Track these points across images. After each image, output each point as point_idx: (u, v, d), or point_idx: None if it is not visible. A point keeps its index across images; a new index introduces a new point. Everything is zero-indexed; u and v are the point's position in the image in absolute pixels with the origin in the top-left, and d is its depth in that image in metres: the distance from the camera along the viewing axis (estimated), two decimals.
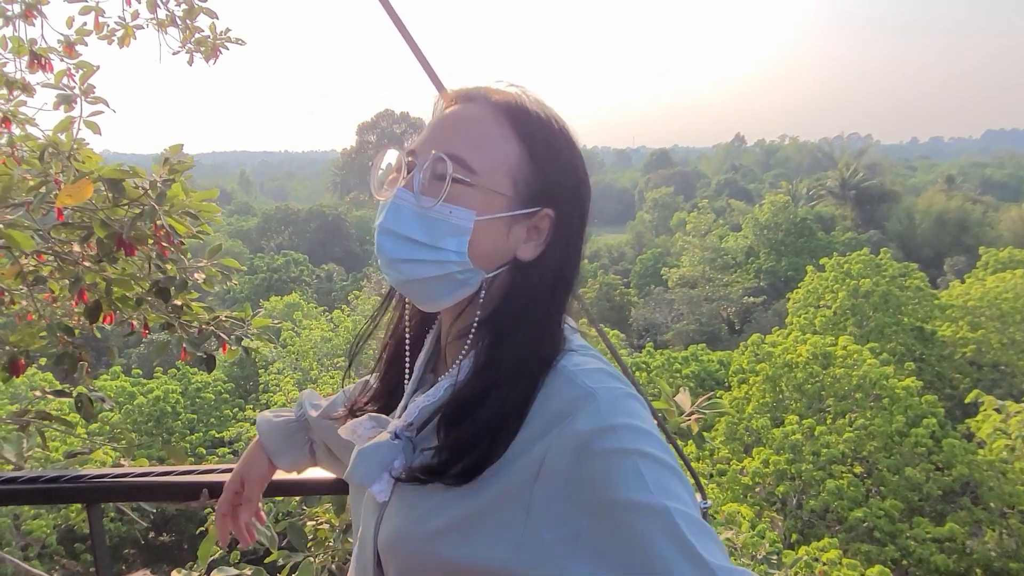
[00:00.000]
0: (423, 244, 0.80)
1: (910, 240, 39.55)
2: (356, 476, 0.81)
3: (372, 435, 0.84)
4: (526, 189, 0.82)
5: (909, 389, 13.31)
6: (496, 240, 0.82)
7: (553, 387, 0.77)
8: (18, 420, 2.21)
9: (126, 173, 2.09)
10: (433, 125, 0.85)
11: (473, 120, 0.83)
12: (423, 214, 0.80)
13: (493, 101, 0.84)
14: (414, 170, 0.82)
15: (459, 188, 0.79)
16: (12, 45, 3.31)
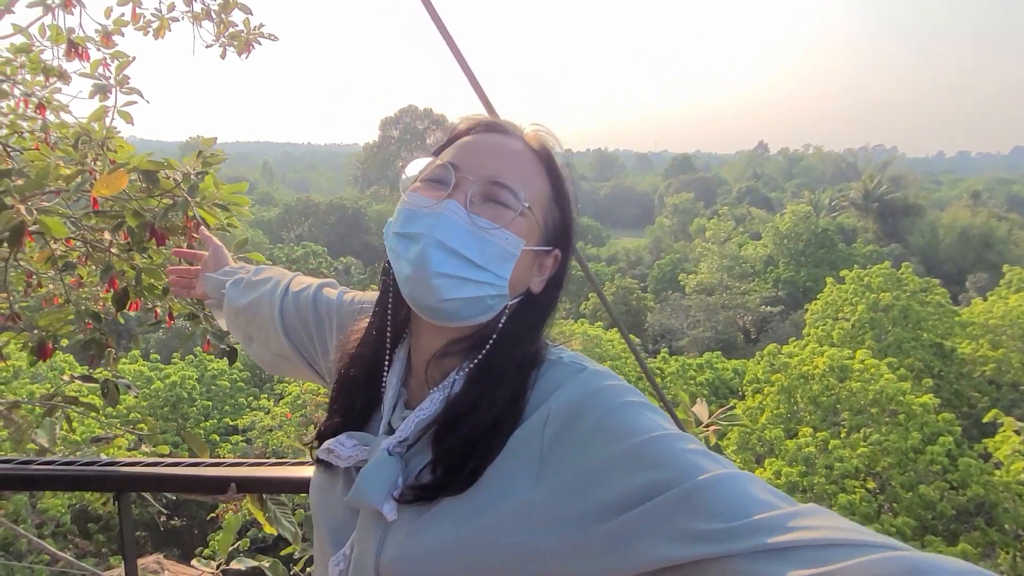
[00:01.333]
0: (472, 263, 0.79)
1: (932, 255, 39.09)
2: (365, 497, 0.78)
3: (354, 454, 0.84)
4: (549, 228, 0.87)
5: (926, 406, 13.16)
6: (525, 271, 0.85)
7: (544, 377, 0.82)
8: (47, 403, 2.25)
9: (161, 165, 2.12)
10: (478, 149, 0.85)
11: (517, 154, 0.86)
12: (476, 233, 0.80)
13: (527, 138, 0.88)
14: (464, 187, 0.82)
15: (511, 215, 0.81)
16: (51, 33, 3.36)
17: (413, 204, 0.82)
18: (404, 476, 0.81)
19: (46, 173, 2.14)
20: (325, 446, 0.86)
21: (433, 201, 0.81)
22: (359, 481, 0.79)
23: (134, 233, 2.38)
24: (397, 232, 0.83)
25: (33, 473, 1.16)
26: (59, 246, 2.61)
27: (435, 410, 0.82)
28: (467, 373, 0.83)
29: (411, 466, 0.81)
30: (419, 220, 0.80)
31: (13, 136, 3.64)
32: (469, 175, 0.82)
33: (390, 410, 0.87)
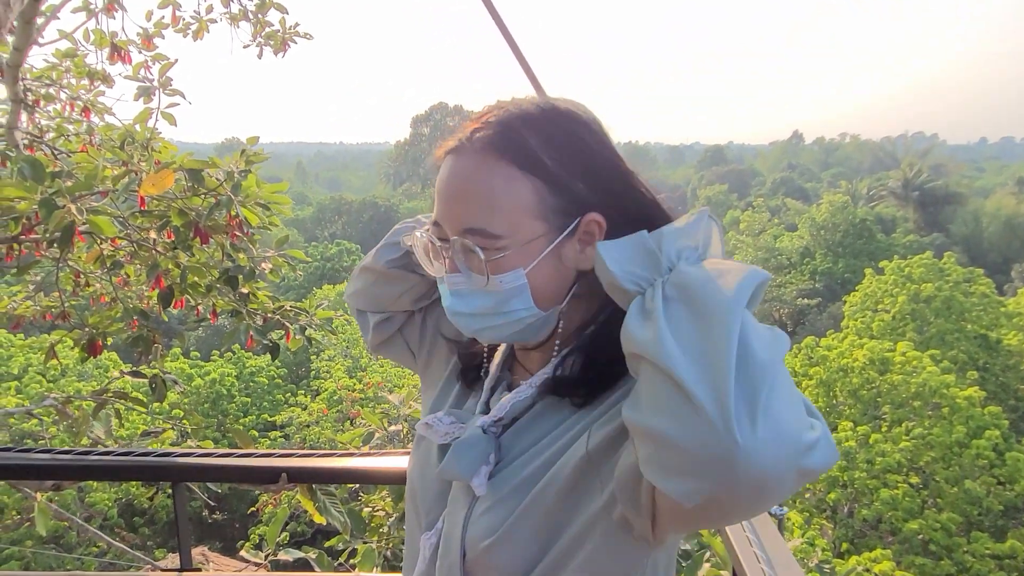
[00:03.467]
0: (493, 313, 0.81)
1: (976, 244, 38.06)
2: (455, 470, 0.80)
3: (451, 431, 0.85)
4: (556, 214, 0.79)
5: (971, 399, 12.83)
6: (552, 275, 0.81)
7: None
8: (98, 398, 2.31)
9: (206, 164, 2.17)
10: (443, 191, 0.82)
11: (470, 180, 0.79)
12: (480, 290, 0.80)
13: (480, 144, 0.79)
14: (449, 251, 0.82)
15: (499, 255, 0.78)
16: (95, 37, 3.45)
17: (433, 272, 0.86)
18: (497, 455, 0.82)
19: (95, 174, 2.19)
20: (423, 421, 0.88)
21: (442, 269, 0.84)
22: (450, 454, 0.81)
23: (179, 232, 2.43)
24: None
25: (95, 464, 1.20)
26: (106, 246, 2.68)
27: (532, 393, 0.84)
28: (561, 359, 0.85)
29: (505, 446, 0.83)
30: (443, 289, 0.84)
31: (60, 139, 3.75)
32: (448, 232, 0.81)
33: (488, 391, 0.90)
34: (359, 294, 1.11)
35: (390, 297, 1.07)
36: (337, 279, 26.73)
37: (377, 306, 1.10)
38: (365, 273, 1.09)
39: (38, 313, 3.21)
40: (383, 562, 2.22)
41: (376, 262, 1.06)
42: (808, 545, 8.46)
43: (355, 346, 17.48)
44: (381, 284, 1.07)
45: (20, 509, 11.56)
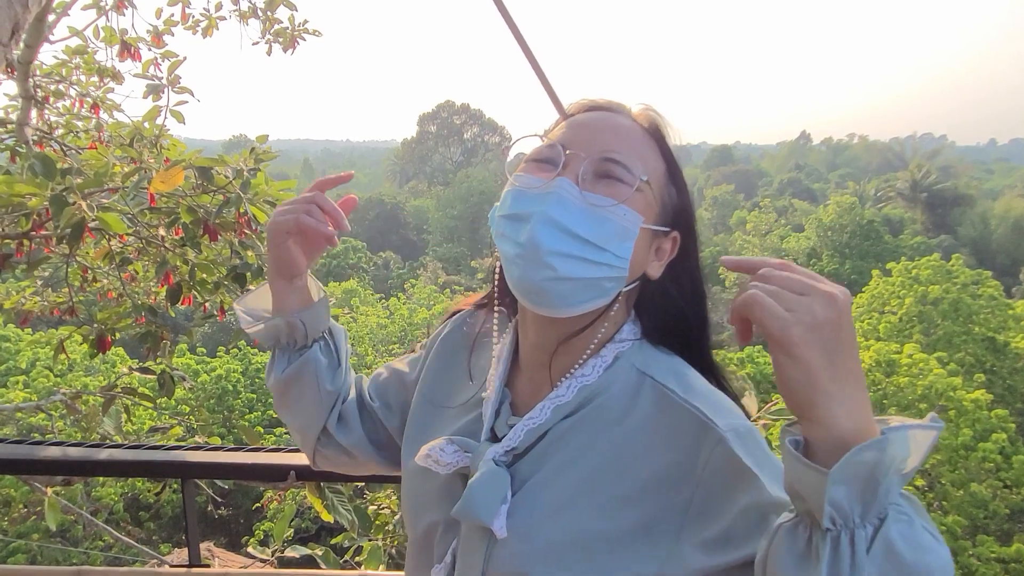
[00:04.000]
0: (589, 242, 0.74)
1: (984, 246, 37.88)
2: (474, 514, 0.74)
3: (454, 461, 0.80)
4: (667, 207, 0.83)
5: (978, 402, 12.78)
6: (643, 251, 0.80)
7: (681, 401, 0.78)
8: (107, 393, 2.32)
9: (215, 161, 2.17)
10: (586, 126, 0.82)
11: (627, 129, 0.82)
12: (591, 211, 0.75)
13: (636, 116, 0.85)
14: (575, 165, 0.77)
15: (627, 191, 0.77)
16: (104, 34, 3.47)
17: (522, 185, 0.78)
18: (513, 489, 0.77)
19: (105, 171, 2.20)
20: (424, 452, 0.81)
21: (543, 181, 0.77)
22: (469, 496, 0.75)
23: (188, 229, 2.44)
24: (504, 215, 0.78)
25: (106, 460, 1.21)
26: (115, 242, 2.69)
27: (545, 419, 0.79)
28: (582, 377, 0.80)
29: (519, 477, 0.78)
30: (529, 200, 0.76)
31: (69, 135, 3.77)
32: (579, 152, 0.78)
33: (493, 415, 0.83)
34: (297, 423, 1.02)
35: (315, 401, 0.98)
36: (343, 276, 26.78)
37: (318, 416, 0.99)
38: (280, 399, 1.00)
39: (46, 309, 3.23)
40: (388, 560, 2.22)
41: (275, 378, 0.97)
42: None
43: (360, 343, 17.53)
44: (297, 395, 0.97)
45: (27, 503, 11.63)
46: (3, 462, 1.26)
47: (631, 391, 0.79)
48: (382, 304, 20.86)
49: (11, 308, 3.22)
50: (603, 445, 0.76)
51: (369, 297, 22.36)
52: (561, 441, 0.78)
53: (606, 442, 0.76)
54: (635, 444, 0.76)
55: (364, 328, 18.05)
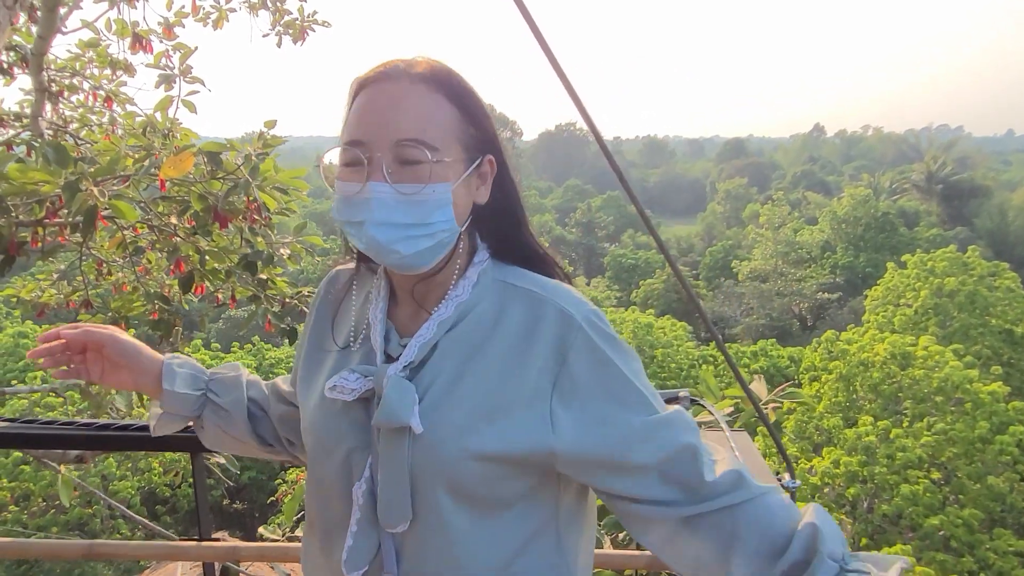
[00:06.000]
0: (415, 224, 0.86)
1: (1001, 238, 37.45)
2: (395, 418, 0.86)
3: (358, 387, 0.91)
4: (472, 145, 0.91)
5: (995, 394, 12.65)
6: (464, 198, 0.91)
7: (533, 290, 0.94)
8: None
9: (223, 147, 2.19)
10: (371, 111, 0.87)
11: (410, 97, 0.87)
12: (407, 199, 0.86)
13: (413, 74, 0.89)
14: (376, 162, 0.86)
15: (428, 167, 0.86)
16: (116, 27, 3.50)
17: (343, 192, 0.88)
18: (418, 395, 0.89)
19: (117, 159, 2.23)
20: (329, 384, 0.93)
21: (359, 186, 0.86)
22: (386, 404, 0.87)
23: (199, 217, 2.46)
24: (341, 221, 0.89)
25: (116, 435, 1.22)
26: (128, 232, 2.72)
27: (432, 333, 0.92)
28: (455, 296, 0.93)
29: (420, 384, 0.90)
30: (354, 207, 0.87)
31: (84, 129, 3.80)
32: (375, 145, 0.86)
33: (383, 341, 0.95)
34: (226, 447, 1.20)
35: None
36: None
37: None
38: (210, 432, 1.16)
39: (62, 301, 3.27)
40: None
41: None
42: None
43: None
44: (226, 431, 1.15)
45: (46, 496, 11.80)
46: (14, 436, 1.28)
47: (501, 298, 0.93)
48: None
49: (28, 300, 3.26)
50: (487, 345, 0.90)
51: None
52: (450, 350, 0.91)
53: (489, 342, 0.91)
54: (512, 338, 0.90)
55: None
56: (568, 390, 0.88)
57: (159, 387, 1.07)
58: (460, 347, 0.91)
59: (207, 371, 1.14)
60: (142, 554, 1.43)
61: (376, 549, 0.91)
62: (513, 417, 0.87)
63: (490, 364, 0.90)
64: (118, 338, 1.07)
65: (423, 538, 0.89)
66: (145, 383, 1.09)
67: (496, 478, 0.88)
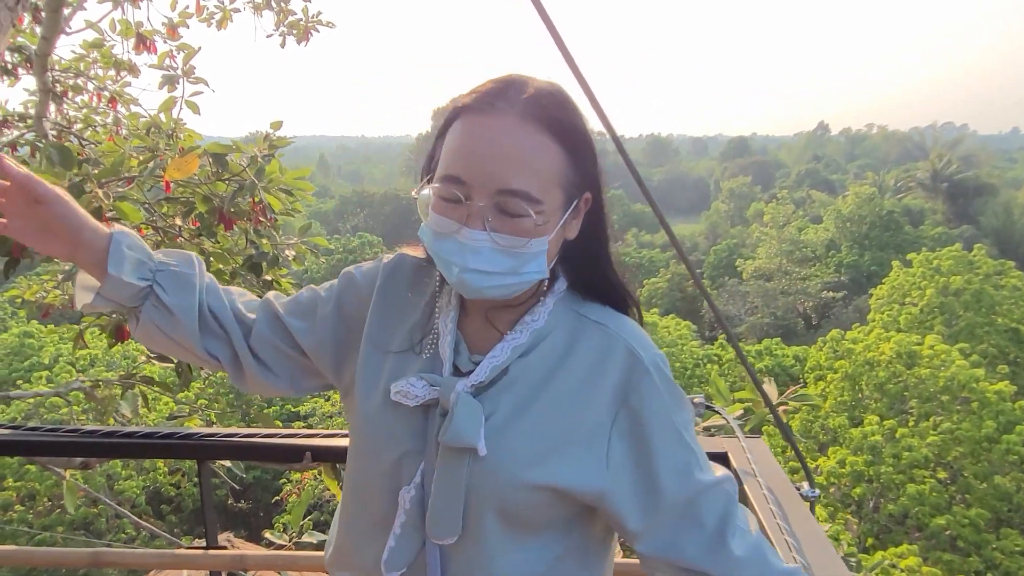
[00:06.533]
0: (508, 273, 0.85)
1: (1007, 236, 37.31)
2: (464, 439, 0.86)
3: (423, 394, 0.90)
4: (571, 187, 0.87)
5: (1001, 393, 12.60)
6: (555, 242, 0.89)
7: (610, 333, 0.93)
8: (125, 382, 2.34)
9: (229, 148, 2.17)
10: (476, 151, 0.83)
11: (518, 140, 0.82)
12: (503, 250, 0.84)
13: (521, 106, 0.83)
14: (477, 210, 0.83)
15: (530, 222, 0.83)
16: (120, 27, 3.49)
17: (439, 227, 0.86)
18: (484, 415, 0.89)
19: (121, 161, 2.21)
20: (395, 388, 0.91)
21: (455, 224, 0.84)
22: (455, 424, 0.86)
23: (203, 218, 2.44)
24: (433, 252, 0.88)
25: (121, 442, 1.21)
26: None
27: (506, 357, 0.90)
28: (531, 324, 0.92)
29: (486, 405, 0.89)
30: (448, 245, 0.85)
31: (88, 129, 3.79)
32: (475, 189, 0.82)
33: (451, 352, 0.93)
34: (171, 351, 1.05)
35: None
36: None
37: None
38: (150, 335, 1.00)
39: (66, 302, 3.26)
40: None
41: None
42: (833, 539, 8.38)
43: None
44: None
45: (51, 496, 11.82)
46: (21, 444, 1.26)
47: (573, 330, 0.93)
48: None
49: (32, 301, 3.25)
50: (555, 376, 0.90)
51: None
52: (520, 376, 0.91)
53: (557, 373, 0.90)
54: (580, 372, 0.90)
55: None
56: (624, 429, 0.89)
57: (102, 267, 0.92)
58: (530, 374, 0.91)
59: (154, 257, 0.98)
60: (147, 563, 1.41)
61: (415, 553, 0.92)
62: (573, 453, 0.88)
63: (557, 397, 0.90)
64: (62, 197, 0.91)
65: (465, 551, 0.90)
66: (84, 258, 0.94)
67: (545, 505, 0.89)
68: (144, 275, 0.96)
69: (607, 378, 0.89)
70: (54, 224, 0.92)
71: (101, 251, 0.93)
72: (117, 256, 0.93)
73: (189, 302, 0.98)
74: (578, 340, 0.92)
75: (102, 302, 0.95)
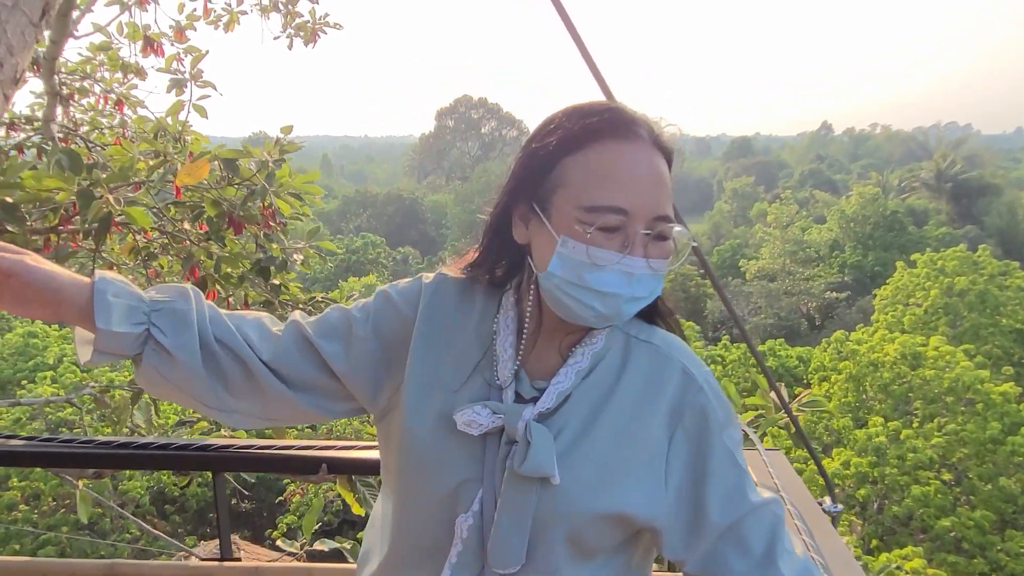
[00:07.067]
0: (648, 297, 0.88)
1: (1012, 237, 37.19)
2: (542, 468, 0.85)
3: (489, 423, 0.89)
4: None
5: (1006, 395, 12.56)
6: None
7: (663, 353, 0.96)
8: (135, 387, 2.33)
9: (240, 153, 2.17)
10: (639, 181, 0.85)
11: (662, 168, 0.88)
12: (653, 275, 0.86)
13: (647, 133, 0.88)
14: (636, 237, 0.84)
15: (671, 245, 0.87)
16: (128, 31, 3.48)
17: (598, 260, 0.84)
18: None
19: (130, 165, 2.20)
20: (463, 419, 0.89)
21: (616, 255, 0.84)
22: (534, 456, 0.85)
23: (212, 223, 2.44)
24: (584, 287, 0.85)
25: (139, 454, 1.20)
26: (140, 237, 2.70)
27: (570, 383, 0.91)
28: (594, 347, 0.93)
29: (551, 431, 0.89)
30: (609, 277, 0.84)
31: (94, 132, 3.79)
32: (636, 217, 0.84)
33: (510, 377, 0.92)
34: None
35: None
36: (362, 272, 26.89)
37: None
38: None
39: None
40: None
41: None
42: None
43: None
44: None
45: (56, 496, 11.83)
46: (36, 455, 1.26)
47: (624, 349, 0.94)
48: None
49: None
50: (611, 398, 0.91)
51: None
52: (580, 399, 0.91)
53: (613, 395, 0.91)
54: (635, 393, 0.92)
55: None
56: (680, 451, 0.91)
57: (90, 321, 0.86)
58: (589, 397, 0.92)
59: (146, 296, 0.91)
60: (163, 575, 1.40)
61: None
62: (636, 476, 0.90)
63: (615, 418, 0.91)
64: (29, 266, 0.85)
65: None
66: (71, 316, 0.87)
67: (608, 530, 0.90)
68: (138, 319, 0.89)
69: (662, 399, 0.91)
70: (28, 292, 0.86)
71: (86, 305, 0.87)
72: (103, 307, 0.86)
73: (188, 338, 0.91)
74: (630, 359, 0.94)
75: (101, 357, 0.89)
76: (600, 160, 0.85)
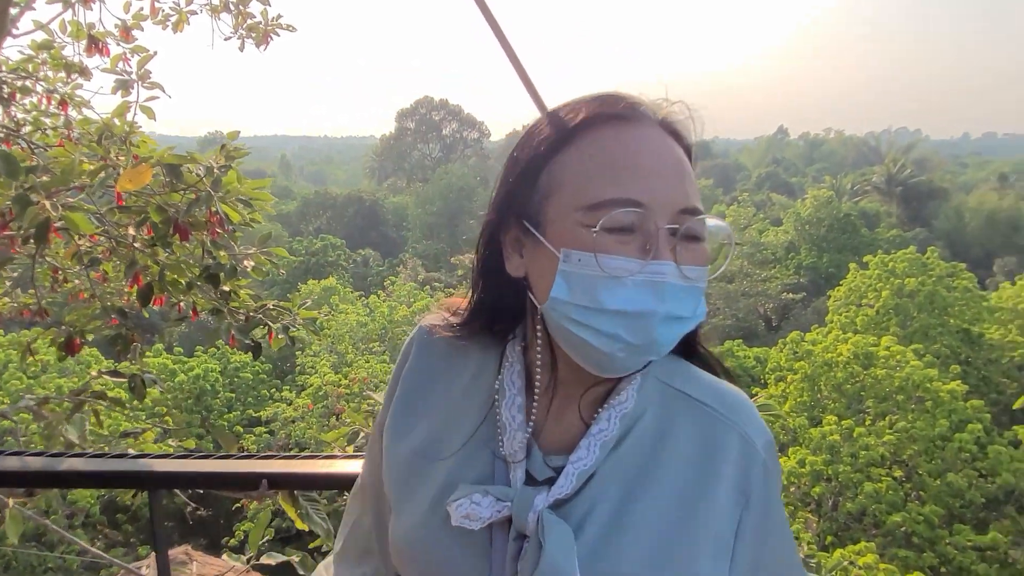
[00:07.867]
0: (689, 319, 0.67)
1: (959, 239, 38.45)
2: (561, 573, 0.67)
3: (492, 514, 0.71)
4: None
5: (954, 393, 12.96)
6: None
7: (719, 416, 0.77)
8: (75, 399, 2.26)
9: (184, 159, 2.11)
10: (652, 166, 0.67)
11: (678, 152, 0.71)
12: (689, 286, 0.66)
13: (652, 113, 0.72)
14: (660, 235, 0.65)
15: (707, 248, 0.69)
16: (71, 29, 3.37)
17: (614, 271, 0.64)
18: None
19: (71, 169, 2.14)
20: (457, 512, 0.71)
21: (637, 263, 0.64)
22: (548, 560, 0.67)
23: (158, 228, 2.37)
24: (604, 311, 0.64)
25: (64, 472, 1.16)
26: (84, 242, 2.62)
27: (595, 458, 0.71)
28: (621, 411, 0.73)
29: (572, 521, 0.70)
30: (631, 291, 0.64)
31: (36, 133, 3.66)
32: (656, 212, 0.65)
33: (520, 451, 0.74)
34: None
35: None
36: (321, 274, 26.55)
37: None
38: None
39: (15, 310, 3.14)
40: None
41: None
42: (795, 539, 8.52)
43: (340, 342, 17.40)
44: None
45: None
46: None
47: (665, 410, 0.74)
48: (362, 302, 20.71)
49: None
50: (653, 472, 0.72)
51: (349, 295, 22.20)
52: (609, 475, 0.72)
53: (655, 468, 0.72)
54: (685, 464, 0.72)
55: (344, 326, 17.92)
56: (748, 537, 0.72)
57: None
58: (622, 473, 0.72)
59: None
60: None
61: None
62: (694, 573, 0.69)
63: (660, 499, 0.71)
64: None
65: None
66: None
67: None
68: None
69: (723, 475, 0.72)
70: None
71: None
72: None
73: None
74: (674, 421, 0.74)
75: None
76: (597, 147, 0.68)
